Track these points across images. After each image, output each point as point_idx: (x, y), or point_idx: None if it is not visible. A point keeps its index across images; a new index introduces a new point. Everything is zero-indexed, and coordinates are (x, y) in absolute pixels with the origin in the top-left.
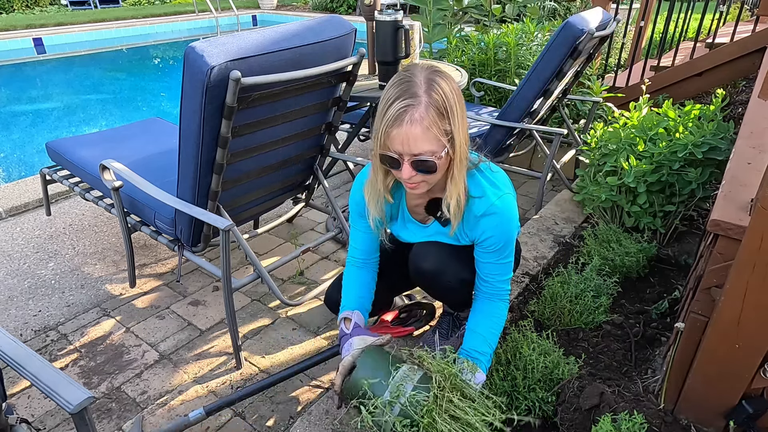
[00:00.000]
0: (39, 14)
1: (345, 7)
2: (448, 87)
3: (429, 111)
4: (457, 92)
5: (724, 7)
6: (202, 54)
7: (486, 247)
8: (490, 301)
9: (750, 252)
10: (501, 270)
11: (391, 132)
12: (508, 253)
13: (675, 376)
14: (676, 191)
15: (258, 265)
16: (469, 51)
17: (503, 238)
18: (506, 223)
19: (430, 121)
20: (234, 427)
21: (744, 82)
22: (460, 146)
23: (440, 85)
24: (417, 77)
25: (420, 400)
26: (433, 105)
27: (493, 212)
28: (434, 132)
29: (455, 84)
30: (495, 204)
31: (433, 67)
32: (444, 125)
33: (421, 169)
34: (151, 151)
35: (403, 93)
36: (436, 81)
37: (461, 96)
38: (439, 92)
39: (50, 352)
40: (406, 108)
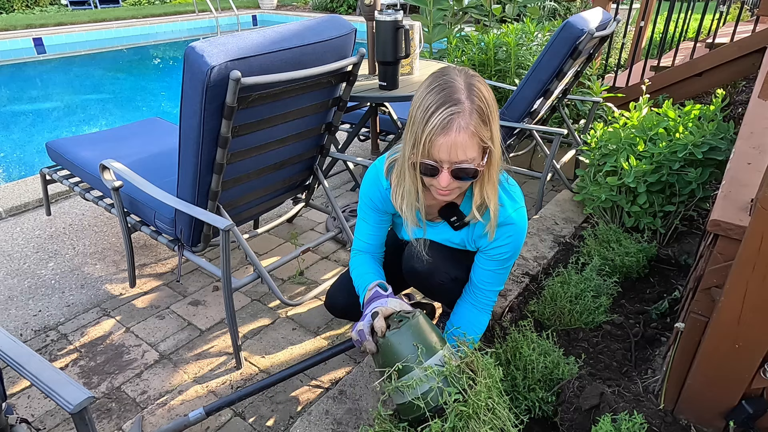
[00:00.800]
0: (39, 14)
1: (345, 7)
2: (487, 91)
3: (473, 117)
4: (492, 96)
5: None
6: (202, 54)
7: (492, 255)
8: (476, 309)
9: (750, 252)
10: (496, 279)
11: (437, 140)
12: (510, 265)
13: (675, 376)
14: (676, 191)
15: (258, 265)
16: (469, 51)
17: (511, 249)
18: (518, 236)
19: (475, 128)
20: (234, 427)
21: (744, 83)
22: (497, 150)
23: (480, 90)
24: (457, 82)
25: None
26: (477, 111)
27: (509, 223)
28: (478, 139)
29: (489, 87)
30: (512, 216)
31: (466, 69)
32: (485, 131)
33: (461, 177)
34: (151, 151)
35: (447, 99)
36: (476, 86)
37: (494, 98)
38: (481, 97)
39: (50, 352)
40: (453, 115)
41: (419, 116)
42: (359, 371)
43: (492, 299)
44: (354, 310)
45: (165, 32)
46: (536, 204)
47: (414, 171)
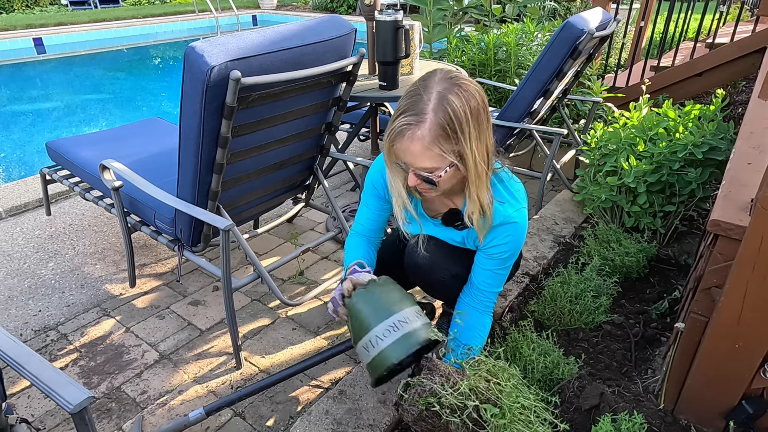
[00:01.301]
0: (39, 14)
1: (345, 7)
2: (461, 104)
3: (432, 130)
4: (474, 108)
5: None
6: (202, 54)
7: (491, 254)
8: (477, 312)
9: (750, 252)
10: (496, 280)
11: (392, 145)
12: (509, 265)
13: (675, 376)
14: (676, 191)
15: (258, 265)
16: (469, 51)
17: (511, 248)
18: (518, 235)
19: (431, 141)
20: (234, 427)
21: (744, 83)
22: (475, 163)
23: (451, 103)
24: (429, 91)
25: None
26: (438, 124)
27: (509, 223)
28: (436, 151)
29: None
30: (512, 215)
31: (453, 78)
32: (449, 145)
33: (424, 180)
34: (151, 151)
35: (411, 107)
36: (448, 98)
37: (481, 110)
38: (449, 111)
39: (50, 352)
40: (408, 125)
41: (392, 117)
42: (359, 371)
43: (492, 300)
44: None
45: (165, 32)
46: (536, 204)
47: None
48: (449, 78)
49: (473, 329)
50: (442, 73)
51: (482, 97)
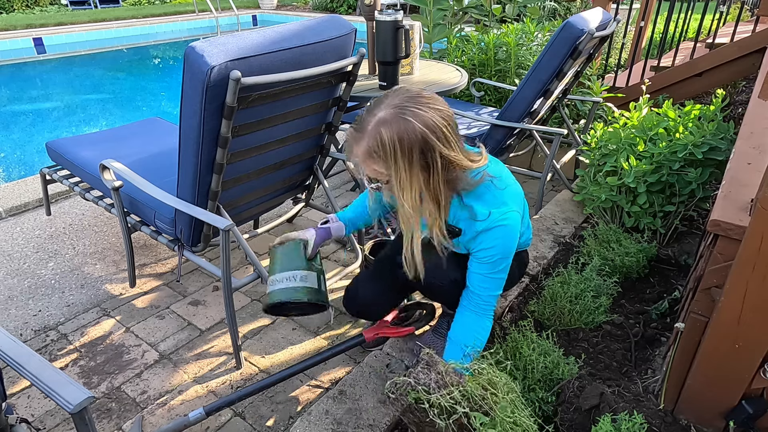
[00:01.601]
0: (39, 14)
1: (345, 7)
2: (391, 138)
3: (364, 150)
4: (406, 145)
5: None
6: (202, 54)
7: (481, 258)
8: (476, 314)
9: (750, 252)
10: (491, 284)
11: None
12: (503, 268)
13: (675, 376)
14: (676, 191)
15: (258, 265)
16: (469, 51)
17: (500, 252)
18: (506, 239)
19: (363, 159)
20: (234, 427)
21: (744, 83)
22: (402, 192)
23: (382, 133)
24: (374, 113)
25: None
26: (369, 147)
27: (495, 227)
28: (371, 166)
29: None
30: (497, 220)
31: (404, 108)
32: (376, 166)
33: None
34: (151, 151)
35: (359, 121)
36: (382, 129)
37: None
38: (377, 139)
39: (50, 352)
40: (352, 136)
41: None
42: (359, 371)
43: (491, 303)
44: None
45: (165, 32)
46: (536, 204)
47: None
48: (399, 106)
49: (470, 330)
50: (400, 98)
51: (423, 136)
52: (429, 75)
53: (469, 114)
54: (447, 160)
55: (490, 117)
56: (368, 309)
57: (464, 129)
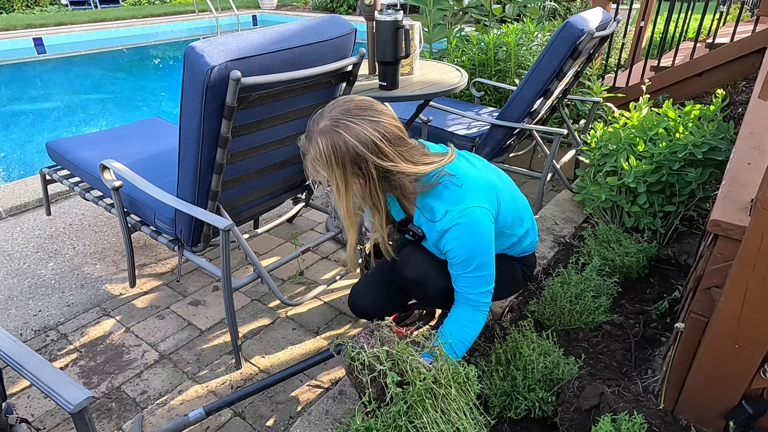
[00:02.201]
0: (39, 14)
1: (345, 7)
2: (324, 148)
3: (308, 156)
4: (339, 156)
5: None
6: (202, 54)
7: (451, 258)
8: (464, 308)
9: (750, 252)
10: (471, 283)
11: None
12: (477, 266)
13: (675, 376)
14: (676, 191)
15: (258, 265)
16: (469, 51)
17: (466, 251)
18: (467, 236)
19: (310, 161)
20: (234, 427)
21: (744, 83)
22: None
23: (318, 144)
24: (318, 123)
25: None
26: (312, 154)
27: (453, 226)
28: (315, 168)
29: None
30: (453, 219)
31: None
32: (321, 171)
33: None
34: (151, 151)
35: (307, 129)
36: (318, 138)
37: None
38: (316, 148)
39: (50, 352)
40: (302, 141)
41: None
42: None
43: (482, 300)
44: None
45: (165, 32)
46: (536, 204)
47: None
48: (335, 119)
49: (456, 321)
50: (337, 110)
51: (354, 149)
52: (429, 75)
53: (469, 114)
54: (383, 170)
55: (490, 117)
56: (373, 312)
57: (464, 129)
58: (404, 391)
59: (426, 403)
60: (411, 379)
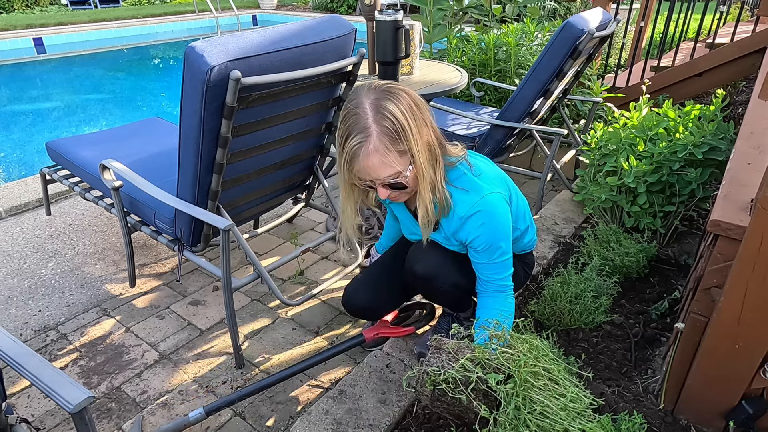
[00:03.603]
0: (39, 14)
1: (345, 7)
2: (398, 107)
3: (382, 140)
4: (409, 108)
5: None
6: (202, 54)
7: (476, 247)
8: (494, 295)
9: (750, 252)
10: (496, 269)
11: (353, 168)
12: (502, 251)
13: (675, 376)
14: (676, 191)
15: (258, 265)
16: (469, 51)
17: (490, 238)
18: (491, 223)
19: (385, 150)
20: (234, 427)
21: (744, 83)
22: (422, 159)
23: (388, 109)
24: (363, 107)
25: None
26: (385, 133)
27: (476, 212)
28: (392, 157)
29: (406, 99)
30: (477, 204)
31: (380, 87)
32: (399, 147)
33: (394, 187)
34: (151, 151)
35: (354, 127)
36: (384, 106)
37: (418, 107)
38: (389, 117)
39: (50, 352)
40: (360, 143)
41: (338, 145)
42: (359, 371)
43: (508, 283)
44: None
45: (165, 32)
46: (536, 204)
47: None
48: (375, 88)
49: (491, 308)
50: (368, 86)
51: (412, 96)
52: (429, 75)
53: (469, 114)
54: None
55: (490, 117)
56: (368, 310)
57: (464, 129)
58: (514, 385)
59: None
60: (513, 371)
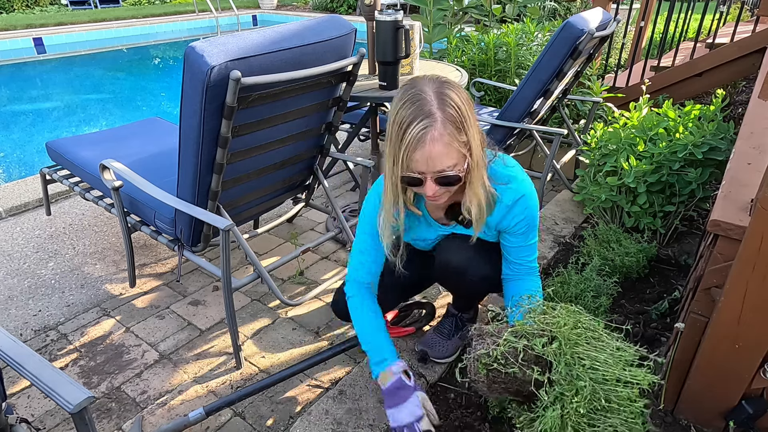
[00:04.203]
0: (39, 14)
1: (345, 7)
2: (459, 98)
3: (447, 127)
4: (467, 100)
5: (724, 7)
6: (202, 54)
7: (516, 231)
8: (524, 278)
9: (750, 252)
10: (529, 251)
11: (414, 155)
12: (535, 233)
13: (675, 376)
14: (676, 191)
15: (258, 265)
16: (469, 51)
17: (531, 220)
18: (533, 205)
19: (449, 137)
20: (234, 427)
21: (744, 83)
22: (477, 152)
23: (451, 97)
24: (427, 93)
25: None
26: (449, 120)
27: (520, 197)
28: (455, 146)
29: (463, 91)
30: (518, 190)
31: (438, 78)
32: (461, 137)
33: (444, 183)
34: (151, 151)
35: (418, 113)
36: (447, 94)
37: (470, 101)
38: (452, 105)
39: (50, 352)
40: (426, 128)
41: (394, 133)
42: (359, 371)
43: (534, 265)
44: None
45: (165, 32)
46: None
47: (396, 186)
48: (435, 79)
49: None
50: (425, 76)
51: (462, 89)
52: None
53: None
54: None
55: (490, 117)
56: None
57: None
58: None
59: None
60: (556, 332)
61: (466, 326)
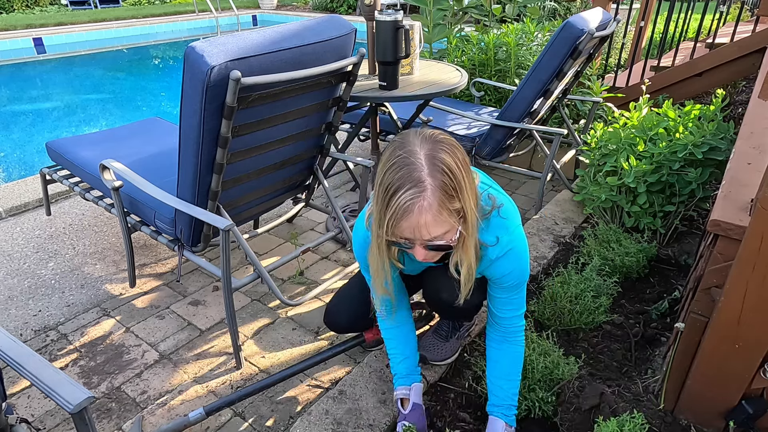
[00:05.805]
0: (39, 14)
1: (345, 7)
2: (453, 160)
3: (437, 195)
4: (463, 161)
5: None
6: (202, 54)
7: (501, 284)
8: (507, 344)
9: (750, 252)
10: (515, 305)
11: (400, 224)
12: (523, 288)
13: (675, 376)
14: (676, 191)
15: (258, 265)
16: (469, 51)
17: (519, 275)
18: (521, 261)
19: (440, 206)
20: (234, 427)
21: (744, 83)
22: (472, 218)
23: (444, 161)
24: (417, 156)
25: None
26: (440, 188)
27: (507, 251)
28: (445, 215)
29: (459, 151)
30: (508, 245)
31: (432, 135)
32: (454, 204)
33: (435, 250)
34: (151, 151)
35: (407, 179)
36: (439, 158)
37: (466, 160)
38: (445, 171)
39: (50, 352)
40: (413, 198)
41: (380, 197)
42: (359, 371)
43: (520, 325)
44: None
45: (165, 32)
46: (536, 204)
47: (382, 250)
48: (428, 137)
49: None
50: (419, 134)
51: (460, 148)
52: (429, 75)
53: (469, 114)
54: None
55: (490, 117)
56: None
57: (464, 129)
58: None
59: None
60: None
61: (464, 326)
